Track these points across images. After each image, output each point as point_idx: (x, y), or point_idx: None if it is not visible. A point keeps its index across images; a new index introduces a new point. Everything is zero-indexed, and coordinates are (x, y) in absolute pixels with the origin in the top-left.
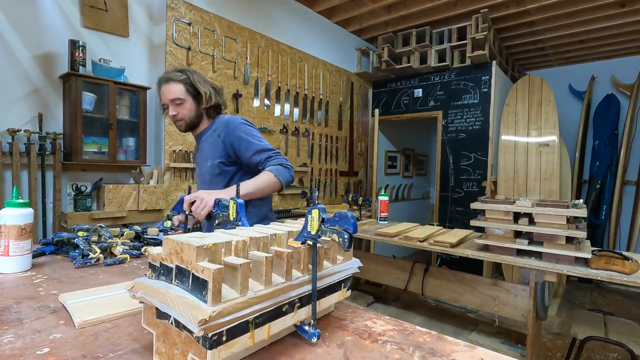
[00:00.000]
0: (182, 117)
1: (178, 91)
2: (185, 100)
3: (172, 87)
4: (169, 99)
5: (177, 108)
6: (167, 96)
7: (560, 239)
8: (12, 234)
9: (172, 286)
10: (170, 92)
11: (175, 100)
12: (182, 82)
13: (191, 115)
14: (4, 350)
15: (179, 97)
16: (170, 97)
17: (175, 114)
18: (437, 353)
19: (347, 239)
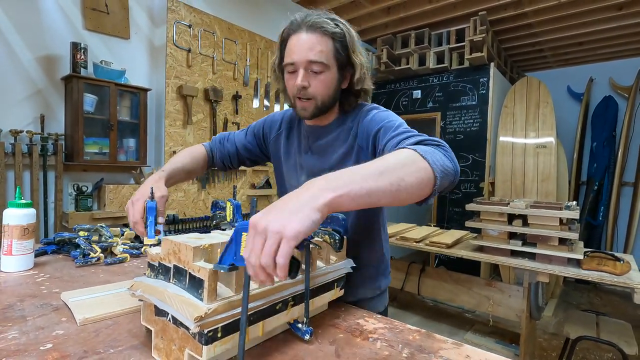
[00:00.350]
0: (315, 93)
1: (325, 50)
2: (330, 69)
3: (316, 40)
4: (307, 58)
5: (311, 77)
6: (305, 53)
7: (553, 240)
8: (15, 233)
9: (170, 285)
10: (310, 48)
11: (314, 64)
12: (333, 38)
13: (328, 93)
14: (9, 346)
15: (322, 60)
16: (310, 57)
17: (306, 84)
18: (425, 350)
19: (338, 240)
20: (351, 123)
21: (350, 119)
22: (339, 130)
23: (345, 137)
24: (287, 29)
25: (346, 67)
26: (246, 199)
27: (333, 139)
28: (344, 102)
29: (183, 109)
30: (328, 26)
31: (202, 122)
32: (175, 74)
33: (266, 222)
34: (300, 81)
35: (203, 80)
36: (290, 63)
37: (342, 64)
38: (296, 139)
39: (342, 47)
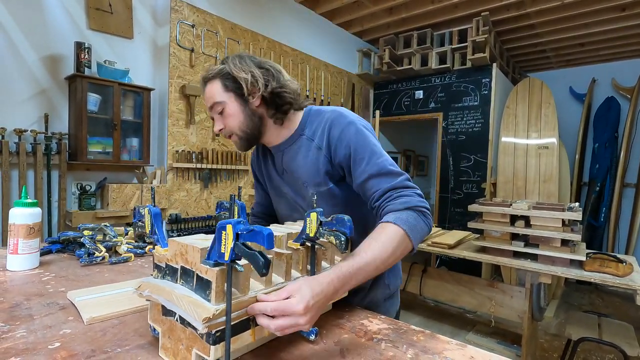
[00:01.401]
0: (231, 129)
1: (215, 92)
2: (226, 103)
3: (208, 89)
4: (207, 106)
5: (220, 119)
6: (206, 104)
7: (555, 242)
8: (21, 232)
9: (178, 286)
10: (206, 98)
11: (214, 108)
12: (220, 77)
13: (240, 122)
14: (18, 345)
15: (216, 100)
16: (208, 105)
17: (221, 127)
18: (430, 351)
19: (344, 241)
20: (310, 132)
21: (308, 128)
22: (298, 143)
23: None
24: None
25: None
26: (248, 198)
27: (299, 154)
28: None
29: (186, 109)
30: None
31: (205, 121)
32: (178, 73)
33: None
34: (215, 128)
35: None
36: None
37: (235, 90)
38: (270, 161)
39: (228, 79)
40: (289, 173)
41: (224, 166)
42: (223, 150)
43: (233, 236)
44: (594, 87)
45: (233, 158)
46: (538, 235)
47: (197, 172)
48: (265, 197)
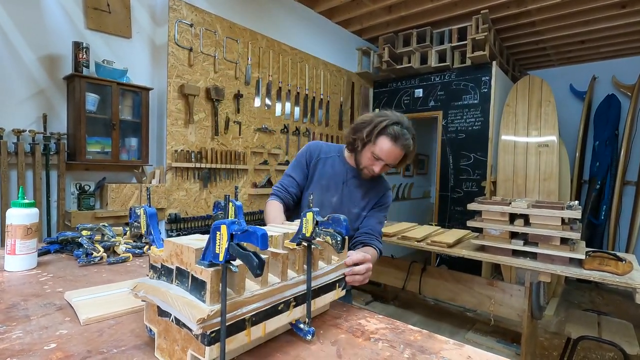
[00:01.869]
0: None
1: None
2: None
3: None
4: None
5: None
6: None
7: (554, 240)
8: (19, 233)
9: (173, 286)
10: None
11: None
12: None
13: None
14: (14, 345)
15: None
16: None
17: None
18: (427, 351)
19: (340, 241)
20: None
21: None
22: (371, 184)
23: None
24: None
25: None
26: (248, 198)
27: (362, 184)
28: None
29: (185, 108)
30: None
31: (203, 121)
32: (176, 73)
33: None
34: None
35: (204, 79)
36: (379, 157)
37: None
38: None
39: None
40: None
41: (223, 166)
42: (222, 149)
43: (227, 237)
44: (595, 85)
45: (232, 157)
46: (537, 234)
47: (196, 171)
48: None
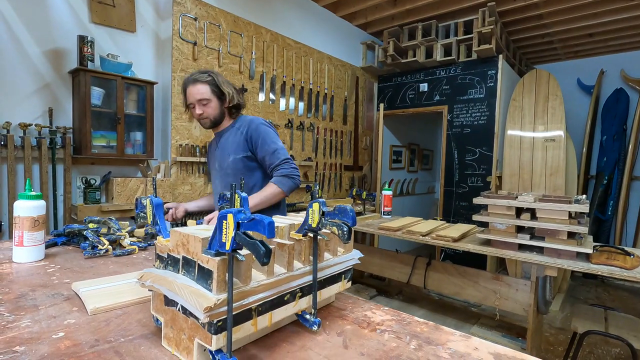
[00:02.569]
0: (207, 115)
1: (205, 92)
2: (211, 100)
3: (199, 87)
4: (196, 99)
5: (203, 107)
6: (194, 96)
7: (561, 234)
8: (26, 225)
9: (179, 276)
10: (197, 93)
11: (202, 101)
12: (208, 83)
13: (215, 113)
14: (23, 334)
15: (205, 97)
16: (197, 97)
17: (201, 112)
18: (433, 342)
19: (347, 232)
20: (239, 126)
21: (238, 124)
22: (231, 131)
23: (235, 136)
24: (183, 85)
25: (222, 96)
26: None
27: (228, 136)
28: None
29: None
30: (202, 78)
31: None
32: (181, 67)
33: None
34: (197, 112)
35: None
36: (190, 103)
37: (218, 95)
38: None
39: (215, 86)
40: (220, 149)
41: None
42: None
43: (234, 225)
44: (603, 79)
45: None
46: (544, 228)
47: (201, 166)
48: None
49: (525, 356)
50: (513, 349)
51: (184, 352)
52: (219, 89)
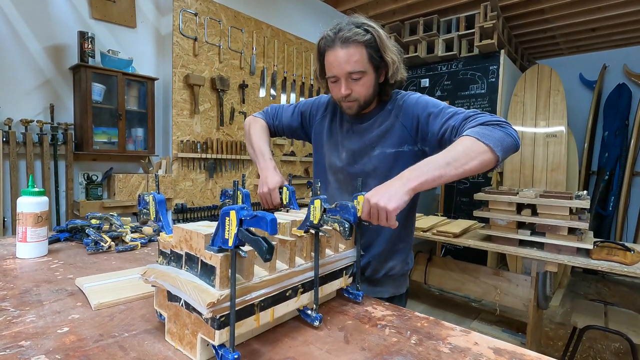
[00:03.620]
0: (358, 96)
1: (359, 59)
2: (366, 73)
3: (352, 52)
4: (345, 70)
5: (352, 84)
6: (342, 66)
7: (562, 230)
8: (29, 221)
9: (182, 272)
10: (349, 61)
11: (352, 74)
12: (365, 46)
13: (368, 93)
14: (28, 329)
15: (358, 68)
16: (347, 69)
17: (348, 92)
18: (434, 337)
19: (348, 228)
20: (390, 106)
21: (389, 103)
22: (378, 114)
23: (384, 118)
24: (322, 44)
25: (381, 66)
26: (254, 188)
27: (373, 121)
28: (381, 93)
29: (190, 98)
30: (359, 36)
31: (209, 111)
32: (181, 63)
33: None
34: (343, 91)
35: (209, 69)
36: (332, 76)
37: (376, 65)
38: (339, 122)
39: (374, 51)
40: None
41: (228, 156)
42: (227, 140)
43: (237, 222)
44: (605, 74)
45: (238, 148)
46: (545, 224)
47: (202, 162)
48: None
49: (525, 351)
50: (513, 344)
51: (187, 346)
52: (379, 54)
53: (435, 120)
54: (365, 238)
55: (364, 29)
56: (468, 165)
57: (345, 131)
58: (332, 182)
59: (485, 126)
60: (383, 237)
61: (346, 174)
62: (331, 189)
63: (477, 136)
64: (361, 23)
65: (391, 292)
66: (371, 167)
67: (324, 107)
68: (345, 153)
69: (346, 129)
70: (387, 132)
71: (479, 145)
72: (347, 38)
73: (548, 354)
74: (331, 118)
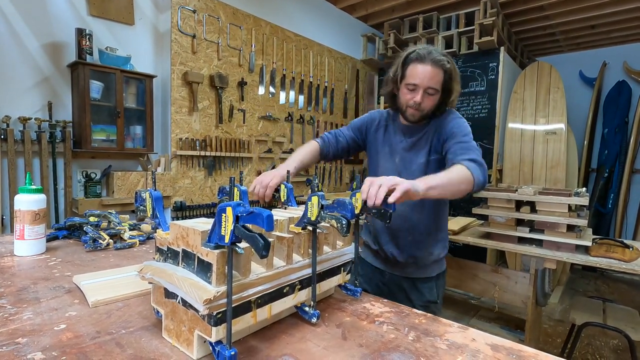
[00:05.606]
0: (424, 107)
1: (438, 80)
2: (438, 92)
3: (436, 72)
4: (425, 84)
5: (424, 97)
6: (424, 80)
7: (561, 227)
8: (27, 218)
9: (179, 268)
10: (431, 78)
11: (430, 89)
12: (445, 72)
13: (431, 108)
14: (25, 326)
15: (434, 86)
16: (427, 84)
17: (420, 102)
18: (431, 333)
19: (345, 225)
20: (434, 125)
21: (434, 121)
22: (426, 129)
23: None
24: (412, 56)
25: (447, 91)
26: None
27: (422, 135)
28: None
29: (189, 96)
30: (444, 63)
31: (207, 109)
32: (180, 60)
33: (382, 180)
34: (418, 98)
35: (208, 66)
36: (413, 84)
37: (445, 89)
38: (392, 132)
39: (448, 78)
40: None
41: (227, 154)
42: (226, 137)
43: (233, 218)
44: (605, 71)
45: (237, 145)
46: (544, 221)
47: (201, 159)
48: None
49: (521, 347)
50: (511, 341)
51: (184, 343)
52: (450, 83)
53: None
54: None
55: (447, 59)
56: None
57: (399, 141)
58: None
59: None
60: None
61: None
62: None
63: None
64: (445, 54)
65: (437, 270)
66: (418, 172)
67: (377, 121)
68: (398, 158)
69: (399, 139)
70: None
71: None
72: (437, 60)
73: (547, 350)
74: (385, 129)
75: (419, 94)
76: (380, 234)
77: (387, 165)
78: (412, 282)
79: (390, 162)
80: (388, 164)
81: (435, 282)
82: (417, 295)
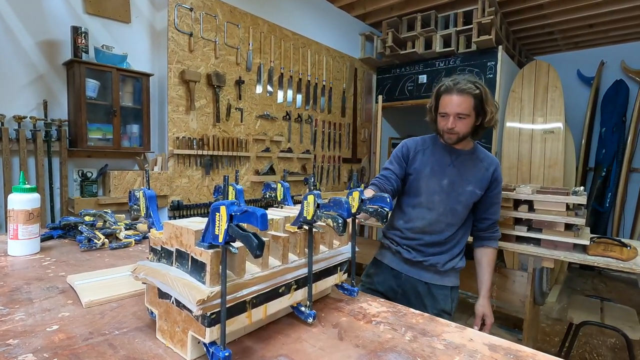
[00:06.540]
0: (458, 131)
1: (467, 106)
2: (470, 116)
3: (464, 100)
4: (455, 112)
5: (457, 122)
6: (453, 108)
7: (559, 226)
8: (21, 218)
9: (173, 268)
10: (459, 106)
11: (460, 114)
12: (474, 97)
13: (466, 130)
14: (17, 327)
15: (465, 112)
16: (457, 111)
17: (453, 127)
18: (429, 333)
19: (341, 224)
20: (483, 158)
21: (483, 157)
22: (474, 158)
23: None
24: (442, 89)
25: (481, 113)
26: (250, 185)
27: (469, 162)
28: (475, 133)
29: (186, 95)
30: (471, 90)
31: (205, 107)
32: (177, 58)
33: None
34: (450, 125)
35: (205, 65)
36: (444, 112)
37: (478, 112)
38: (437, 154)
39: (479, 102)
40: (456, 168)
41: (225, 153)
42: (224, 136)
43: (227, 218)
44: (603, 70)
45: (234, 145)
46: (541, 220)
47: (198, 158)
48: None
49: (520, 347)
50: (508, 340)
51: (178, 344)
52: (482, 105)
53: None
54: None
55: (475, 85)
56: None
57: (446, 163)
58: (424, 202)
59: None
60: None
61: (443, 197)
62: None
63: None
64: (474, 81)
65: (453, 282)
66: (463, 197)
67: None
68: (447, 180)
69: (447, 161)
70: (480, 178)
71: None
72: (462, 89)
73: (544, 349)
74: (424, 152)
75: (449, 120)
76: (405, 231)
77: (432, 186)
78: (428, 288)
79: (435, 183)
80: (432, 183)
81: (450, 293)
82: (432, 302)
